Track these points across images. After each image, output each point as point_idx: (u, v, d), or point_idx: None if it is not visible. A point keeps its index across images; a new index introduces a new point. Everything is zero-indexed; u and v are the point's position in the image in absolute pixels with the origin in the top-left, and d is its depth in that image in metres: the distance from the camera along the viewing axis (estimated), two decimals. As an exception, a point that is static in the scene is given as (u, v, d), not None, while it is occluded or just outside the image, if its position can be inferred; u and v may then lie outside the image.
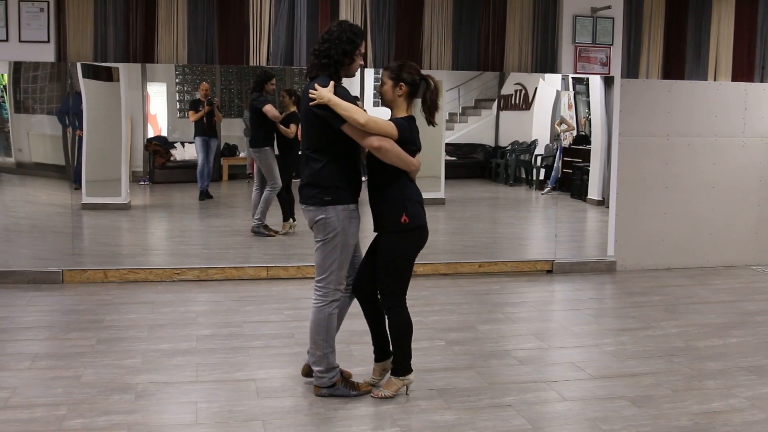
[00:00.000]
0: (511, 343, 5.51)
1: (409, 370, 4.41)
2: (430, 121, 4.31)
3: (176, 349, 5.16)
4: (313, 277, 4.33)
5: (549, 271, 7.71)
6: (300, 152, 4.39)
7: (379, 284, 4.31)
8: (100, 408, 4.16)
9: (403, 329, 4.33)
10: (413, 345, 4.42)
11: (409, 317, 4.34)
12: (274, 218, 7.95)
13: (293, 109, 7.72)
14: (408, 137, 4.19)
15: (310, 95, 4.10)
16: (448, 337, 5.54)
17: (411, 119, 4.27)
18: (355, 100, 4.20)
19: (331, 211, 4.17)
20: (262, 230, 7.87)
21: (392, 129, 4.13)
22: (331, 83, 4.12)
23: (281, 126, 7.67)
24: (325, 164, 4.17)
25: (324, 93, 4.07)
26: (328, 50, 4.17)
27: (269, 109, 7.59)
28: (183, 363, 4.89)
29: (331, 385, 4.37)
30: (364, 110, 4.18)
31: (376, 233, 4.34)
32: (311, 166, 4.21)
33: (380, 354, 4.53)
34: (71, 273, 6.89)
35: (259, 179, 7.87)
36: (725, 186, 8.07)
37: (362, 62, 4.33)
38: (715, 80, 7.99)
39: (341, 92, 4.13)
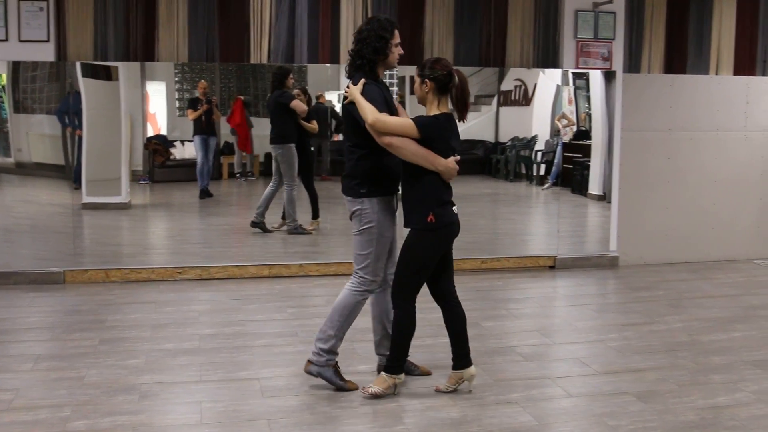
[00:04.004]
0: (515, 339, 5.49)
1: (401, 370, 4.35)
2: (461, 117, 4.30)
3: (179, 348, 5.15)
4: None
5: (551, 267, 7.70)
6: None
7: (395, 277, 4.31)
8: (104, 409, 4.14)
9: (406, 327, 4.30)
10: (418, 342, 4.39)
11: (414, 317, 4.32)
12: (276, 215, 7.92)
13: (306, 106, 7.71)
14: (434, 135, 4.15)
15: (345, 93, 4.28)
16: (452, 334, 5.51)
17: (446, 117, 4.23)
18: (383, 99, 4.24)
19: (366, 203, 4.29)
20: (299, 230, 7.83)
21: (406, 128, 4.11)
22: (361, 81, 4.24)
23: (304, 122, 7.63)
24: (362, 158, 4.30)
25: (353, 90, 4.21)
26: (360, 50, 4.31)
27: (297, 104, 7.58)
28: (186, 363, 4.87)
29: (324, 365, 4.41)
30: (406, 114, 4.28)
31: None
32: (350, 158, 4.36)
33: (458, 361, 4.44)
34: (73, 273, 6.86)
35: (278, 176, 7.77)
36: (727, 180, 8.05)
37: (401, 51, 4.38)
38: (717, 74, 7.97)
39: (369, 90, 4.22)
